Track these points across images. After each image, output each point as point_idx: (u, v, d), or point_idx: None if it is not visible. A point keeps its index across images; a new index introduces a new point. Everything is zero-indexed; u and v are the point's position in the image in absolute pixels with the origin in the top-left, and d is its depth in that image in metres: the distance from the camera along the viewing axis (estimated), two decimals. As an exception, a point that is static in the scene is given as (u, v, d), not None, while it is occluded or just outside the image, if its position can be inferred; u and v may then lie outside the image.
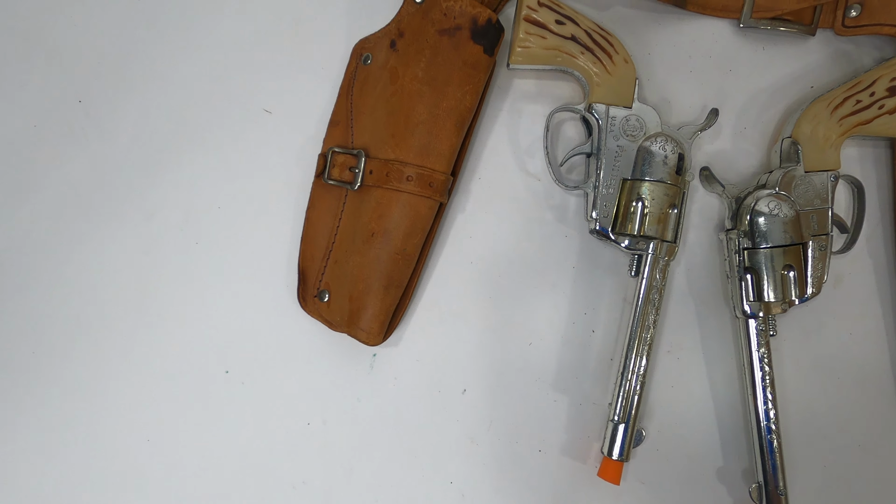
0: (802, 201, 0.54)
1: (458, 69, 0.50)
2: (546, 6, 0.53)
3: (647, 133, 0.53)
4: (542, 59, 0.54)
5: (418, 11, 0.51)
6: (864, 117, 0.54)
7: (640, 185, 0.53)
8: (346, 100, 0.55)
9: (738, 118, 0.60)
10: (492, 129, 0.59)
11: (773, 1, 0.57)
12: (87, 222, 0.59)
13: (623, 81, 0.53)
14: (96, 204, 0.59)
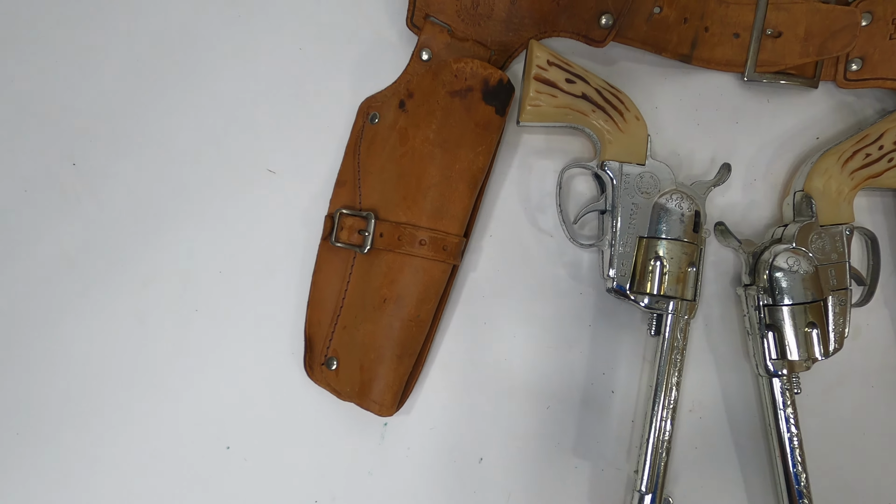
0: (820, 256, 0.54)
1: (470, 131, 0.49)
2: (556, 65, 0.53)
3: (662, 190, 0.53)
4: (553, 117, 0.54)
5: (428, 72, 0.50)
6: (874, 170, 0.55)
7: (657, 244, 0.52)
8: (353, 159, 0.54)
9: (747, 170, 0.60)
10: (502, 185, 0.58)
11: (777, 56, 0.58)
12: (79, 289, 0.56)
13: (635, 139, 0.53)
14: (89, 270, 0.56)
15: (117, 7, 0.58)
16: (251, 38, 0.58)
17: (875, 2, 0.55)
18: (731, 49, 0.58)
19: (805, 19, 0.57)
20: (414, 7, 0.56)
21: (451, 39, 0.55)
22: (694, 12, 0.55)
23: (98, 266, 0.56)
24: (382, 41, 0.58)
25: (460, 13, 0.56)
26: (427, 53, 0.56)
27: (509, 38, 0.56)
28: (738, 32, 0.58)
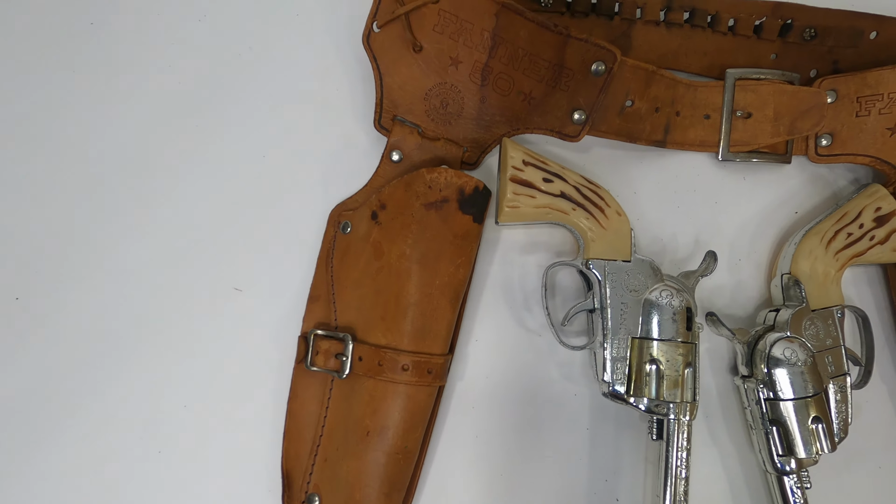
0: (815, 342, 0.52)
1: (448, 243, 0.47)
2: (532, 164, 0.51)
3: (650, 286, 0.51)
4: (532, 217, 0.52)
5: (400, 182, 0.48)
6: (858, 249, 0.54)
7: (651, 345, 0.49)
8: (326, 272, 0.51)
9: (730, 250, 0.59)
10: (484, 285, 0.55)
11: (749, 136, 0.58)
12: (30, 433, 0.50)
13: (618, 235, 0.52)
14: (40, 412, 0.51)
15: (69, 125, 0.54)
16: (210, 148, 0.55)
17: (838, 80, 0.56)
18: (704, 130, 0.58)
19: (773, 100, 0.57)
20: (381, 109, 0.54)
21: (421, 140, 0.53)
22: (665, 101, 0.55)
23: (50, 407, 0.51)
24: (350, 143, 0.56)
25: (429, 113, 0.54)
26: (397, 154, 0.54)
27: (482, 136, 0.54)
28: (708, 113, 0.58)
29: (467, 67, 0.51)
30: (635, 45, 0.60)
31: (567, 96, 0.50)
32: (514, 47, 0.49)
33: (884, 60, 0.65)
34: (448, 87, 0.53)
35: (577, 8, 0.58)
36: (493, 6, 0.48)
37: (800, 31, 0.61)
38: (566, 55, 0.48)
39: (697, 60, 0.62)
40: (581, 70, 0.49)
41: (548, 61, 0.49)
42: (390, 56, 0.53)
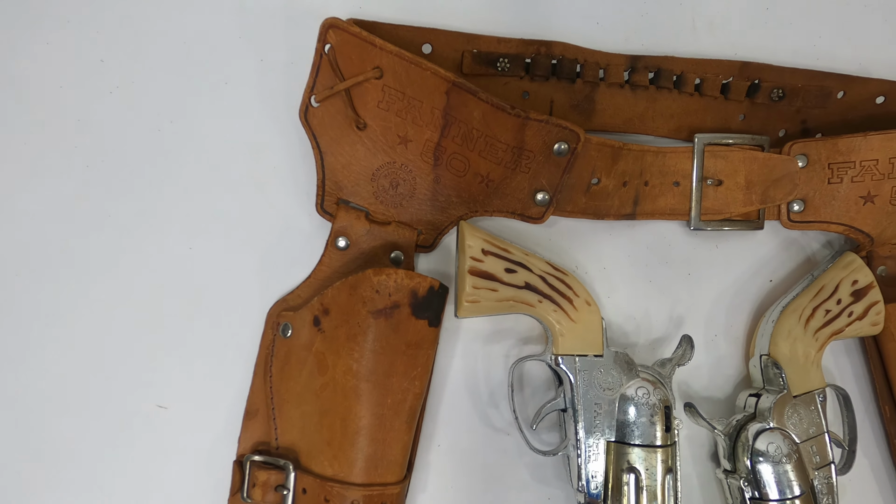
0: (798, 431, 0.50)
1: (401, 354, 0.41)
2: (493, 254, 0.47)
3: (624, 382, 0.48)
4: (495, 310, 0.47)
5: (344, 286, 0.42)
6: (836, 327, 0.52)
7: (628, 452, 0.45)
8: (265, 382, 0.45)
9: (706, 326, 0.55)
10: (445, 381, 0.50)
11: (721, 204, 0.55)
12: None
13: (589, 327, 0.48)
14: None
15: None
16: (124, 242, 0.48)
17: (809, 145, 0.54)
18: (674, 198, 0.55)
19: (744, 167, 0.55)
20: (323, 191, 0.48)
21: (370, 225, 0.47)
22: (633, 173, 0.51)
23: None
24: (291, 228, 0.49)
25: (378, 194, 0.49)
26: (344, 241, 0.49)
27: (437, 218, 0.49)
28: (678, 180, 0.55)
29: (418, 146, 0.46)
30: (599, 109, 0.57)
31: (528, 178, 0.46)
32: (468, 127, 0.44)
33: (851, 120, 0.64)
34: (398, 166, 0.48)
35: (537, 71, 0.54)
36: (442, 84, 0.43)
37: (767, 92, 0.58)
38: (525, 137, 0.44)
39: (664, 123, 0.58)
40: (542, 151, 0.45)
41: (505, 143, 0.44)
42: (332, 133, 0.48)
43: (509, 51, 0.54)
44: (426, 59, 0.51)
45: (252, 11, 0.52)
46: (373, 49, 0.43)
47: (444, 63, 0.53)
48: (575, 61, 0.56)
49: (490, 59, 0.54)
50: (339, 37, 0.44)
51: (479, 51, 0.53)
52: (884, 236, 0.56)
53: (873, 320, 0.52)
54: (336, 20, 0.44)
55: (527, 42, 0.55)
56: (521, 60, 0.54)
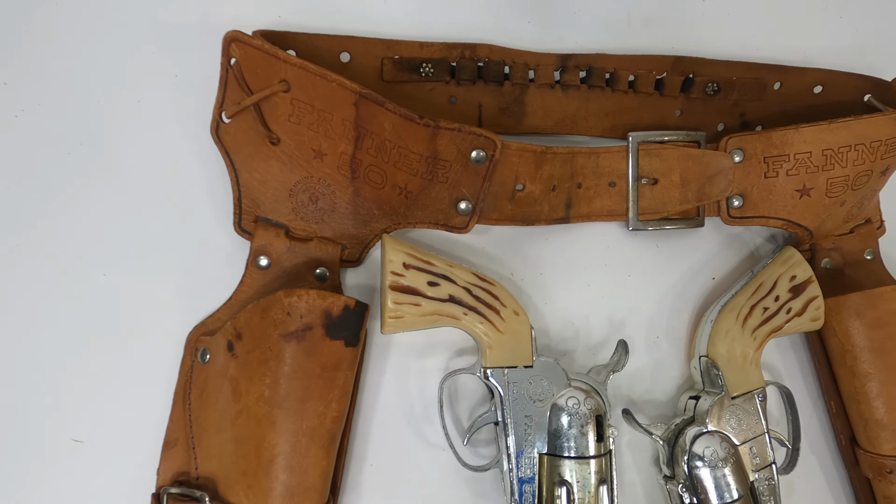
0: (737, 433, 0.49)
1: (316, 377, 0.40)
2: (415, 267, 0.45)
3: (556, 393, 0.47)
4: (421, 325, 0.45)
5: (256, 308, 0.41)
6: (775, 324, 0.50)
7: (560, 465, 0.44)
8: (184, 410, 0.43)
9: (648, 328, 0.54)
10: (377, 398, 0.48)
11: (658, 203, 0.53)
12: None
13: (517, 338, 0.46)
14: None
15: None
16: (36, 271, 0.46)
17: (744, 139, 0.52)
18: (610, 199, 0.53)
19: (678, 165, 0.53)
20: (240, 209, 0.47)
21: (290, 242, 0.46)
22: (562, 177, 0.49)
23: None
24: (212, 248, 0.48)
25: (298, 210, 0.47)
26: (265, 259, 0.47)
27: (361, 231, 0.48)
28: (613, 181, 0.53)
29: (333, 160, 0.45)
30: (530, 111, 0.55)
31: (447, 188, 0.45)
32: (380, 139, 0.43)
33: (790, 111, 0.63)
34: (316, 181, 0.46)
35: (463, 75, 0.52)
36: (350, 95, 0.41)
37: (702, 86, 0.57)
38: (438, 146, 0.42)
39: (599, 123, 0.57)
40: (459, 160, 0.44)
41: (419, 154, 0.43)
42: (245, 150, 0.46)
43: (432, 55, 0.53)
44: (344, 68, 0.50)
45: (166, 25, 0.51)
46: (277, 62, 0.41)
47: (365, 71, 0.52)
48: (502, 63, 0.54)
49: (412, 64, 0.52)
50: (242, 51, 0.43)
51: (401, 57, 0.52)
52: (823, 229, 0.55)
53: (813, 316, 0.51)
54: (238, 34, 0.43)
55: (450, 46, 0.53)
56: (445, 65, 0.53)
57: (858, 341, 0.51)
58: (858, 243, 0.57)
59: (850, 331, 0.51)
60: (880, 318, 0.50)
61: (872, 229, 0.58)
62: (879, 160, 0.51)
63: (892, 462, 0.50)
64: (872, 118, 0.49)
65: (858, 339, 0.50)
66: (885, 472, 0.50)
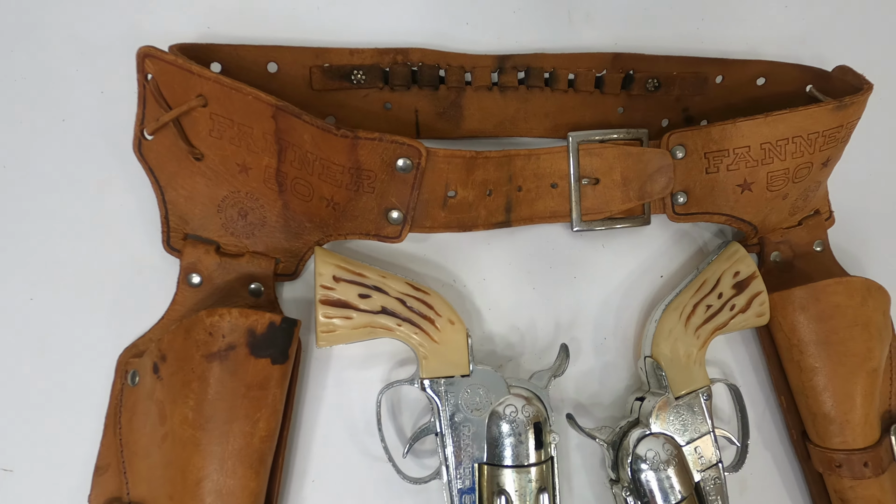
0: (681, 434, 0.48)
1: (241, 397, 0.39)
2: (345, 280, 0.45)
3: (493, 401, 0.46)
4: (355, 337, 0.45)
5: (180, 329, 0.40)
6: (719, 322, 0.50)
7: (499, 474, 0.43)
8: (114, 434, 0.42)
9: (595, 330, 0.54)
10: (318, 412, 0.48)
11: (600, 202, 0.53)
12: None
13: (453, 347, 0.45)
14: None
15: None
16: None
17: (685, 135, 0.51)
18: (553, 200, 0.53)
19: (619, 164, 0.52)
20: (168, 227, 0.46)
21: (220, 258, 0.45)
22: (497, 182, 0.49)
23: None
24: (143, 268, 0.47)
25: (227, 226, 0.46)
26: (197, 277, 0.46)
27: (294, 245, 0.47)
28: (555, 182, 0.53)
29: (259, 173, 0.44)
30: (468, 115, 0.54)
31: (375, 198, 0.44)
32: (302, 151, 0.42)
33: (735, 104, 0.62)
34: (243, 195, 0.45)
35: (396, 81, 0.52)
36: (267, 108, 0.40)
37: (642, 83, 0.56)
38: (360, 157, 0.41)
39: (540, 123, 0.57)
40: (384, 169, 0.43)
41: (341, 165, 0.42)
42: (170, 167, 0.45)
43: (364, 62, 0.52)
44: (273, 79, 0.48)
45: (90, 41, 0.50)
46: (192, 76, 0.41)
47: (294, 81, 0.51)
48: (436, 67, 0.53)
49: (343, 72, 0.51)
50: (157, 66, 0.42)
51: (331, 65, 0.51)
52: (768, 223, 0.54)
53: (758, 311, 0.50)
54: (151, 49, 0.42)
55: (382, 51, 0.52)
56: (378, 71, 0.52)
57: (804, 335, 0.50)
58: (807, 235, 0.57)
59: (795, 325, 0.51)
60: (824, 311, 0.50)
61: (821, 220, 0.58)
62: (818, 152, 0.51)
63: (841, 456, 0.50)
64: (808, 110, 0.48)
65: (804, 333, 0.50)
66: (834, 466, 0.50)
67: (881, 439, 0.50)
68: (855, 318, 0.49)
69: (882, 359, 0.51)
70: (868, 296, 0.50)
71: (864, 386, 0.50)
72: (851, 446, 0.49)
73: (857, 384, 0.49)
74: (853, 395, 0.49)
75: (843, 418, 0.49)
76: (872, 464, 0.49)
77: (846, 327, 0.49)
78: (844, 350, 0.49)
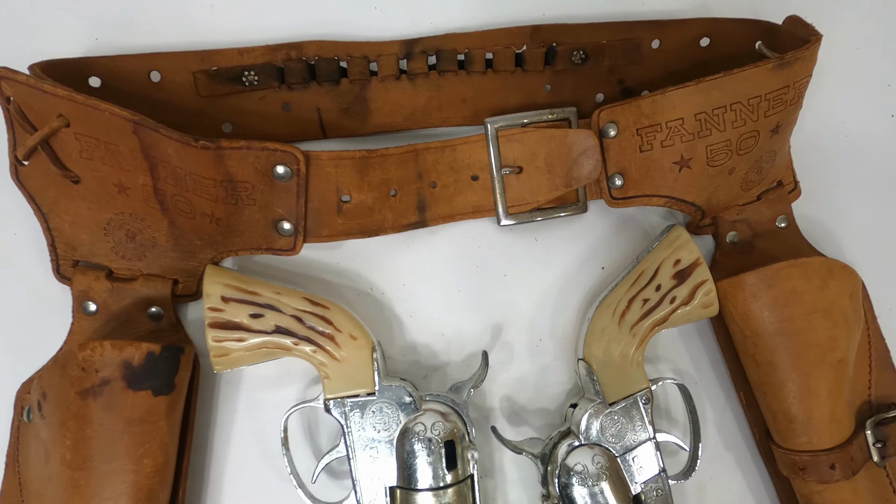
0: (616, 443, 0.44)
1: (121, 433, 0.37)
2: (235, 300, 0.42)
3: (402, 420, 0.42)
4: (253, 359, 0.42)
5: (56, 365, 0.38)
6: (658, 317, 0.44)
7: (411, 498, 0.40)
8: (14, 472, 0.41)
9: (529, 331, 0.49)
10: (230, 437, 0.45)
11: (527, 193, 0.48)
12: None
13: (356, 364, 0.42)
14: None
15: None
16: None
17: (615, 111, 0.45)
18: (475, 194, 0.48)
19: (542, 149, 0.47)
20: (56, 255, 0.44)
21: (112, 284, 0.43)
22: (402, 180, 0.44)
23: None
24: (41, 298, 0.45)
25: (117, 249, 0.44)
26: (93, 305, 0.44)
27: (189, 264, 0.44)
28: (475, 174, 0.48)
29: (138, 192, 0.41)
30: (375, 109, 0.50)
31: (259, 210, 0.40)
32: (171, 167, 0.39)
33: (678, 71, 0.55)
34: (127, 216, 0.43)
35: (292, 79, 0.48)
36: (126, 124, 0.37)
37: (567, 56, 0.50)
38: (229, 168, 0.38)
39: (457, 111, 0.51)
40: (261, 179, 0.39)
41: (211, 179, 0.39)
42: (50, 193, 0.43)
43: (255, 61, 0.48)
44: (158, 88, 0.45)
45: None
46: (47, 96, 0.38)
47: (179, 88, 0.48)
48: (335, 60, 0.49)
49: (231, 74, 0.48)
50: (14, 88, 0.39)
51: (219, 68, 0.48)
52: (715, 202, 0.48)
53: (703, 302, 0.45)
54: (4, 70, 0.39)
55: (273, 48, 0.48)
56: (272, 69, 0.48)
57: (758, 326, 0.44)
58: (768, 211, 0.50)
59: (748, 315, 0.45)
60: (778, 298, 0.44)
61: (783, 193, 0.51)
62: (764, 118, 0.44)
63: (806, 458, 0.44)
64: (745, 72, 0.42)
65: (757, 323, 0.44)
66: (797, 468, 0.45)
67: (853, 436, 0.44)
68: (814, 303, 0.44)
69: (850, 348, 0.45)
70: (829, 278, 0.45)
71: (829, 379, 0.44)
72: (816, 447, 0.44)
73: (819, 378, 0.44)
74: (816, 391, 0.44)
75: (805, 416, 0.44)
76: (841, 465, 0.43)
77: (804, 315, 0.44)
78: (804, 340, 0.44)
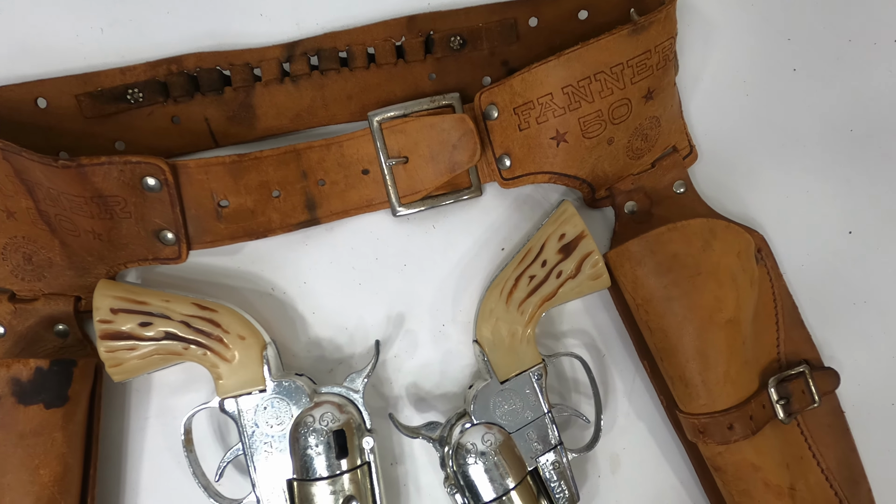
0: (510, 420, 0.44)
1: (14, 447, 0.38)
2: (124, 310, 0.43)
3: (294, 413, 0.43)
4: (149, 367, 0.43)
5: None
6: (545, 293, 0.45)
7: (306, 490, 0.41)
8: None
9: (432, 318, 0.50)
10: (143, 444, 0.47)
11: (416, 182, 0.49)
12: None
13: (246, 363, 0.43)
14: None
15: None
16: None
17: (493, 92, 0.46)
18: (367, 187, 0.49)
19: (423, 138, 0.48)
20: (-42, 284, 0.48)
21: (14, 306, 0.44)
22: (283, 181, 0.45)
23: None
24: (-47, 325, 0.50)
25: (16, 271, 0.45)
26: (0, 328, 0.47)
27: (87, 281, 0.45)
28: (365, 168, 0.49)
29: (24, 216, 0.43)
30: (261, 114, 0.50)
31: (136, 223, 0.42)
32: (45, 188, 0.40)
33: (560, 46, 0.52)
34: (20, 239, 0.44)
35: (175, 92, 0.49)
36: (-6, 151, 0.40)
37: (444, 43, 0.50)
38: (96, 184, 0.40)
39: (343, 108, 0.51)
40: (131, 192, 0.41)
41: (81, 196, 0.40)
42: (-57, 222, 0.46)
43: (137, 79, 0.49)
44: (45, 114, 0.46)
45: None
46: (-78, 132, 0.41)
47: (66, 112, 0.49)
48: (216, 70, 0.50)
49: (115, 94, 0.49)
50: None
51: (103, 89, 0.49)
52: (601, 174, 0.48)
53: (591, 274, 0.45)
54: None
55: (153, 64, 0.49)
56: (155, 85, 0.49)
57: (646, 293, 0.44)
58: (664, 177, 0.50)
59: (636, 283, 0.45)
60: (662, 263, 0.44)
61: (678, 159, 0.51)
62: (632, 85, 0.44)
63: (704, 420, 0.44)
64: (600, 42, 0.42)
65: (645, 290, 0.44)
66: (698, 432, 0.45)
67: (754, 395, 0.44)
68: (697, 266, 0.43)
69: (742, 307, 0.45)
70: (712, 238, 0.44)
71: (720, 340, 0.44)
72: (713, 408, 0.43)
73: (709, 340, 0.44)
74: (706, 353, 0.44)
75: (699, 378, 0.44)
76: (739, 425, 0.43)
77: (688, 278, 0.44)
78: (690, 304, 0.43)
